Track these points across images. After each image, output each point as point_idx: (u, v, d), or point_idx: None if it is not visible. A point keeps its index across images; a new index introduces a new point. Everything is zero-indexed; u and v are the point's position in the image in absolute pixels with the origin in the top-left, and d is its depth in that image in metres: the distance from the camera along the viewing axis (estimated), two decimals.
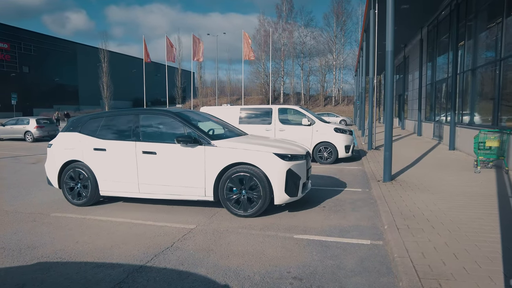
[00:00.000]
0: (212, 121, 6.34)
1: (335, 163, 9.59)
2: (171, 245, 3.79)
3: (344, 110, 46.25)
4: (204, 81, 59.01)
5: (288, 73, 54.05)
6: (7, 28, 46.51)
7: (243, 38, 38.69)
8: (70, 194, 5.56)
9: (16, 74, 46.12)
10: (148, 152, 5.08)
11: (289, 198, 4.72)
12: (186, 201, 5.27)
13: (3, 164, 10.51)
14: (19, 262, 3.41)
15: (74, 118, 6.09)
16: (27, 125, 18.30)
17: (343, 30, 51.46)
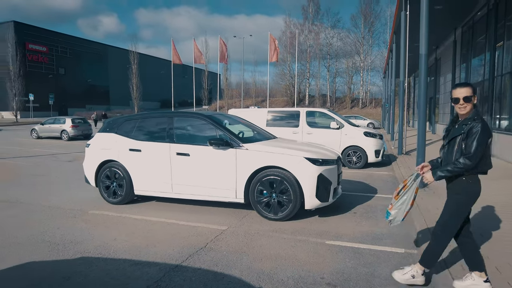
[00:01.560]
0: (242, 124, 6.42)
1: (364, 168, 9.43)
2: (204, 245, 3.88)
3: (371, 113, 45.28)
4: (229, 82, 59.68)
5: (314, 74, 53.66)
6: (46, 33, 49.00)
7: (269, 40, 38.80)
8: (106, 192, 5.80)
9: (53, 75, 48.51)
10: (181, 153, 5.22)
11: (320, 203, 4.70)
12: (217, 202, 5.37)
13: (43, 161, 11.09)
14: (64, 256, 3.61)
15: (110, 119, 6.35)
16: (63, 124, 19.22)
17: (371, 31, 50.48)
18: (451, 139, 2.66)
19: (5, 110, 42.95)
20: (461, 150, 2.57)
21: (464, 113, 2.62)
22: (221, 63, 46.52)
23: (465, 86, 2.59)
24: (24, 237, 4.18)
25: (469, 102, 2.56)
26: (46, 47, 48.21)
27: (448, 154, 2.68)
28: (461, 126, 2.60)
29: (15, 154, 12.71)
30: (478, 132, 2.48)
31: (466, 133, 2.53)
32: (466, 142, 2.53)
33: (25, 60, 44.06)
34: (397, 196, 2.99)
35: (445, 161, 2.73)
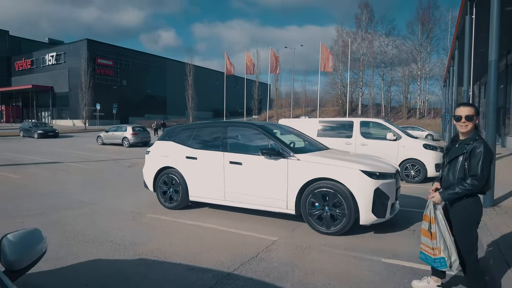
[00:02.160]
0: (293, 134, 6.39)
1: (423, 182, 8.83)
2: (255, 255, 3.89)
3: (429, 124, 42.48)
4: (279, 92, 59.90)
5: (368, 83, 51.87)
6: (111, 47, 53.56)
7: (320, 49, 38.46)
8: (163, 197, 6.09)
9: (117, 86, 52.64)
10: (234, 162, 5.32)
11: (376, 219, 4.48)
12: (268, 212, 5.37)
13: (106, 166, 12.01)
14: (125, 256, 3.84)
15: (169, 128, 6.70)
16: (125, 132, 20.69)
17: (429, 37, 47.62)
18: (452, 158, 2.69)
19: (76, 118, 47.44)
20: (464, 170, 2.62)
21: (465, 131, 2.69)
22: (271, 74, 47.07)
23: (469, 106, 2.68)
24: (91, 236, 4.53)
25: (470, 121, 2.65)
26: (112, 61, 52.58)
27: (450, 174, 2.71)
28: (462, 146, 2.65)
29: (85, 159, 13.93)
30: (481, 153, 2.54)
31: (469, 153, 2.59)
32: (470, 162, 2.58)
33: (94, 73, 48.38)
34: (431, 234, 2.72)
35: (445, 180, 2.76)
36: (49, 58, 53.80)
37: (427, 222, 2.74)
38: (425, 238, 2.76)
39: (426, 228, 2.74)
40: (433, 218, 2.71)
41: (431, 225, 2.71)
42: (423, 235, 2.77)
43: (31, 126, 28.20)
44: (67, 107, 51.36)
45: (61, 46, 54.66)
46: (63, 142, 23.03)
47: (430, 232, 2.71)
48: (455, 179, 2.66)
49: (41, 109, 55.33)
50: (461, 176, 2.62)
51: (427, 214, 2.75)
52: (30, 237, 1.43)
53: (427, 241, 2.74)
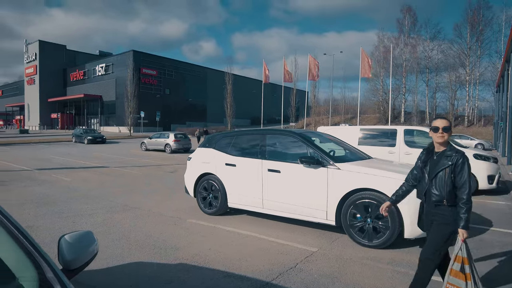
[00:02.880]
0: (333, 142, 6.26)
1: (474, 195, 8.22)
2: (294, 265, 3.82)
3: (480, 132, 39.68)
4: (317, 99, 59.09)
5: (411, 90, 49.66)
6: (155, 58, 56.24)
7: (360, 55, 37.59)
8: (203, 203, 6.21)
9: (160, 95, 55.02)
10: (273, 170, 5.31)
11: (422, 233, 4.21)
12: (305, 222, 5.27)
13: (150, 171, 12.52)
14: (166, 260, 3.95)
15: (209, 136, 6.85)
16: (167, 138, 21.50)
17: (480, 40, 44.63)
18: (439, 171, 2.74)
19: (122, 125, 50.14)
20: (451, 182, 2.69)
21: (441, 141, 2.78)
22: (309, 81, 46.71)
23: (445, 119, 2.83)
24: (134, 239, 4.72)
25: (447, 132, 2.77)
26: (156, 71, 55.14)
27: (436, 187, 2.75)
28: (445, 158, 2.74)
29: (129, 164, 14.63)
30: (466, 165, 2.68)
31: (455, 165, 2.68)
32: (459, 175, 2.67)
33: (139, 83, 50.97)
34: (465, 275, 2.55)
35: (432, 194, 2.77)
36: (99, 69, 57.59)
37: (459, 263, 2.58)
38: (457, 279, 2.57)
39: (458, 269, 2.58)
40: (465, 259, 2.57)
41: (464, 266, 2.57)
42: (453, 276, 2.59)
43: (82, 132, 30.25)
44: (114, 115, 54.46)
45: (110, 58, 58.34)
46: (110, 148, 24.39)
47: (464, 273, 2.56)
48: (443, 192, 2.71)
49: (90, 116, 59.18)
50: (450, 189, 2.69)
51: (459, 255, 2.59)
52: (84, 238, 1.51)
53: (460, 282, 2.56)
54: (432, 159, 2.85)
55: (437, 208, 2.78)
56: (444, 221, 2.75)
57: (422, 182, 2.89)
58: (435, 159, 2.82)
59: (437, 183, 2.74)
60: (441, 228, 2.76)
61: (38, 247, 1.27)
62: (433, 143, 2.88)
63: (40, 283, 1.16)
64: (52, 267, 1.22)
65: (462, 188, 2.65)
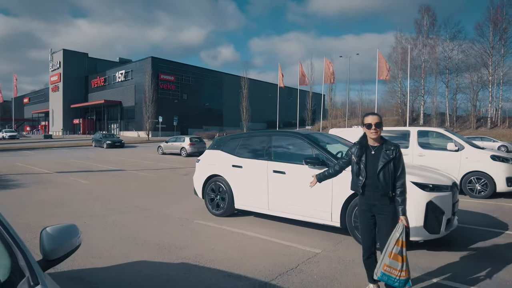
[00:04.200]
0: (342, 143, 6.17)
1: (491, 198, 7.94)
2: (295, 266, 3.80)
3: (504, 134, 38.21)
4: (334, 102, 58.51)
5: (430, 91, 48.41)
6: (173, 64, 57.30)
7: (377, 57, 37.05)
8: (210, 204, 6.26)
9: (178, 100, 55.94)
10: (278, 171, 5.31)
11: (429, 235, 4.12)
12: (312, 224, 5.23)
13: (164, 174, 12.73)
14: (168, 259, 4.01)
15: (218, 138, 6.92)
16: (183, 142, 21.81)
17: (503, 39, 43.05)
18: (384, 164, 2.85)
19: (140, 130, 51.26)
20: (394, 174, 2.87)
21: (375, 137, 2.93)
22: (326, 84, 46.39)
23: (376, 115, 3.01)
24: (141, 239, 4.81)
25: (379, 127, 2.92)
26: (174, 77, 56.13)
27: (381, 179, 2.86)
28: (385, 152, 2.89)
29: (146, 167, 14.93)
30: (401, 156, 2.92)
31: (395, 158, 2.87)
32: (399, 167, 2.89)
33: (158, 88, 51.97)
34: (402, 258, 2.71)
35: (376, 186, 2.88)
36: (118, 75, 59.13)
37: (399, 247, 2.73)
38: (395, 261, 2.71)
39: (397, 252, 2.72)
40: (404, 242, 2.75)
41: (402, 249, 2.73)
42: (392, 258, 2.72)
43: (101, 137, 31.08)
44: (133, 120, 55.71)
45: (129, 64, 59.84)
46: (128, 152, 24.95)
47: (401, 255, 2.72)
48: (389, 184, 2.85)
49: (111, 121, 60.77)
50: (392, 181, 2.87)
51: (400, 239, 2.74)
52: (66, 231, 1.57)
53: (396, 264, 2.71)
54: (370, 153, 2.96)
55: (383, 200, 2.89)
56: (392, 212, 2.89)
57: (359, 176, 2.98)
58: (374, 154, 2.94)
59: (383, 176, 2.86)
60: (392, 219, 2.87)
61: (16, 237, 1.33)
62: (365, 137, 3.01)
63: (12, 270, 1.22)
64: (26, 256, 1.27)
65: (400, 178, 2.88)
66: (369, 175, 2.92)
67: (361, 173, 2.96)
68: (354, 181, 3.06)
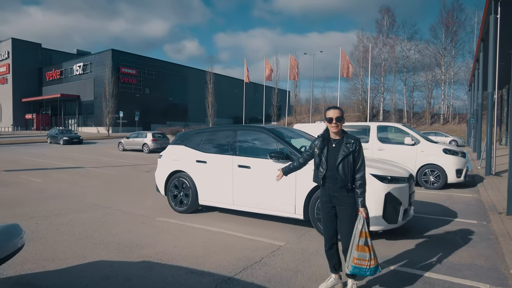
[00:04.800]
0: (305, 138, 6.27)
1: (443, 189, 8.46)
2: (259, 260, 3.80)
3: (454, 129, 40.99)
4: (299, 99, 59.71)
5: (389, 89, 50.72)
6: (135, 57, 55.21)
7: (340, 55, 38.08)
8: (174, 201, 6.11)
9: (140, 95, 54.07)
10: (243, 166, 5.28)
11: (387, 225, 4.30)
12: (277, 217, 5.27)
13: (125, 171, 12.25)
14: (129, 258, 3.85)
15: (181, 133, 6.75)
16: (145, 138, 21.12)
17: (454, 41, 46.12)
18: (344, 156, 2.90)
19: (100, 125, 49.01)
20: (353, 167, 2.92)
21: (336, 131, 2.98)
22: (291, 80, 46.97)
23: (337, 109, 3.03)
24: (99, 238, 4.59)
25: (340, 121, 2.96)
26: (135, 70, 54.09)
27: (341, 172, 2.90)
28: (346, 145, 2.93)
29: (105, 164, 14.28)
30: (361, 149, 2.96)
31: (354, 151, 2.91)
32: (358, 159, 2.93)
33: (118, 82, 49.87)
34: (368, 248, 2.79)
35: (336, 178, 2.92)
36: (76, 68, 56.03)
37: (364, 238, 2.78)
38: (363, 253, 2.79)
39: (363, 244, 2.78)
40: (367, 233, 2.79)
41: (367, 239, 2.79)
42: (360, 251, 2.79)
43: (57, 133, 29.31)
44: (92, 115, 53.14)
45: (88, 57, 56.85)
46: (87, 148, 23.77)
47: (367, 246, 2.78)
48: (348, 176, 2.90)
49: (68, 117, 57.52)
50: (352, 173, 2.91)
51: (363, 231, 2.80)
52: (7, 231, 1.43)
53: (365, 255, 2.78)
54: (331, 146, 3.00)
55: (342, 192, 2.93)
56: (351, 204, 2.92)
57: (320, 168, 3.02)
58: (335, 147, 2.98)
59: (342, 168, 2.90)
60: (352, 210, 2.92)
61: None
62: (328, 131, 3.05)
63: None
64: None
65: (360, 171, 2.92)
66: (329, 167, 2.97)
67: (322, 165, 3.01)
68: (316, 173, 3.11)
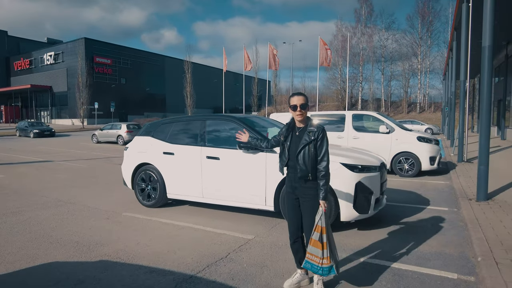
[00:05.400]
0: (279, 127, 6.09)
1: (417, 176, 8.54)
2: (225, 255, 3.62)
3: (430, 118, 42.04)
4: (279, 89, 59.57)
5: (367, 78, 51.33)
6: (110, 46, 53.25)
7: (319, 44, 38.00)
8: (141, 195, 5.83)
9: (116, 85, 52.37)
10: (211, 157, 5.05)
11: (359, 215, 4.20)
12: (249, 210, 5.09)
13: (97, 164, 11.77)
14: (86, 258, 3.58)
15: (148, 123, 6.42)
16: (119, 130, 20.45)
17: (430, 31, 46.99)
18: (304, 145, 2.72)
19: (75, 117, 47.27)
20: (315, 157, 2.72)
21: (301, 119, 2.81)
22: (271, 70, 46.67)
23: (301, 95, 2.83)
24: (57, 237, 4.28)
25: (305, 109, 2.78)
26: (110, 60, 52.25)
27: (302, 161, 2.72)
28: (307, 134, 2.74)
29: (77, 157, 13.70)
30: (326, 139, 2.76)
31: (316, 140, 2.72)
32: (319, 148, 2.72)
33: (93, 72, 48.13)
34: (322, 244, 2.58)
35: (297, 169, 2.75)
36: (47, 57, 53.58)
37: (318, 232, 2.59)
38: (315, 248, 2.60)
39: (317, 239, 2.59)
40: (324, 228, 2.59)
41: (322, 235, 2.58)
42: (312, 245, 2.62)
43: (27, 125, 28.00)
44: (66, 107, 51.18)
45: (59, 46, 54.41)
46: (58, 141, 22.83)
47: (321, 242, 2.58)
48: (308, 167, 2.70)
49: (40, 109, 55.20)
50: (313, 164, 2.71)
51: (319, 225, 2.60)
52: None
53: (317, 251, 2.59)
54: (295, 135, 2.82)
55: (302, 183, 2.76)
56: (313, 195, 2.73)
57: (282, 156, 2.90)
58: (298, 135, 2.80)
59: (302, 158, 2.72)
60: (314, 203, 2.72)
61: None
62: (293, 119, 2.87)
63: None
64: None
65: (322, 161, 2.70)
66: (291, 157, 2.81)
67: (284, 154, 2.86)
68: (280, 162, 2.94)
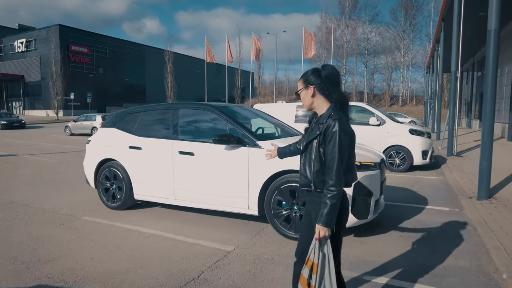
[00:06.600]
0: (263, 118, 5.41)
1: (409, 171, 8.08)
2: (198, 274, 2.94)
3: (412, 111, 42.38)
4: (263, 81, 58.87)
5: (351, 71, 51.28)
6: (87, 34, 50.85)
7: (303, 35, 37.37)
8: (105, 195, 5.07)
9: (93, 75, 50.23)
10: (185, 152, 4.33)
11: (356, 221, 3.60)
12: (229, 213, 4.42)
13: (67, 158, 10.79)
14: (19, 282, 2.82)
15: (114, 113, 5.62)
16: (94, 121, 19.31)
17: (412, 24, 47.17)
18: (307, 143, 1.95)
19: (49, 108, 45.09)
20: (320, 159, 1.88)
21: (306, 108, 2.06)
22: (254, 61, 45.79)
23: (300, 78, 2.04)
24: None
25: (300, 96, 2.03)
26: (87, 48, 49.97)
27: (305, 166, 1.96)
28: (317, 126, 1.93)
29: (46, 151, 12.63)
30: (337, 133, 1.80)
31: (323, 135, 1.86)
32: (327, 147, 1.84)
33: (68, 61, 45.90)
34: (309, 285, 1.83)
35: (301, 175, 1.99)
36: (18, 44, 50.68)
37: (308, 269, 1.84)
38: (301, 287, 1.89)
39: (306, 276, 1.84)
40: (315, 266, 1.82)
41: (311, 275, 1.82)
42: (301, 283, 1.89)
43: None
44: (40, 97, 48.70)
45: (32, 32, 51.52)
46: (29, 133, 21.42)
47: (308, 285, 1.83)
48: (312, 173, 1.91)
49: (12, 99, 52.37)
50: (318, 168, 1.89)
51: (310, 259, 1.85)
52: None
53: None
54: (309, 128, 2.03)
55: (306, 193, 2.03)
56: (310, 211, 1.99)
57: None
58: (313, 128, 1.98)
59: (304, 160, 1.98)
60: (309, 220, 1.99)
61: None
62: None
63: None
64: None
65: (329, 167, 1.82)
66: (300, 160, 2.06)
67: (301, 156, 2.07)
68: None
